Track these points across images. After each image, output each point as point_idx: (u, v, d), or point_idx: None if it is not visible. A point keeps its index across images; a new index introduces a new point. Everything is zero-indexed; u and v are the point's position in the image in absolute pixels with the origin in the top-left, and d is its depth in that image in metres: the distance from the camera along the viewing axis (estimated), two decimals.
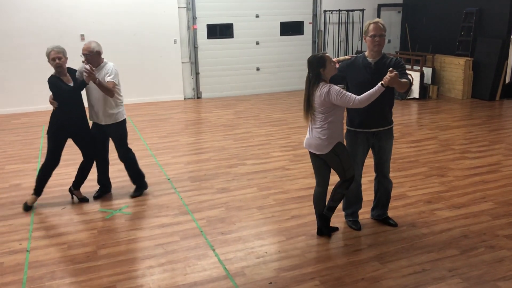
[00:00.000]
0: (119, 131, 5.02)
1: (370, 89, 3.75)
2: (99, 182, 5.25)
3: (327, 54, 3.83)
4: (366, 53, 4.05)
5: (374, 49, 3.94)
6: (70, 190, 5.11)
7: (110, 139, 5.10)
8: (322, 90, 3.74)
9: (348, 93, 3.73)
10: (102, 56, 4.85)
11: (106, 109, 4.85)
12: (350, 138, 4.17)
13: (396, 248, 3.98)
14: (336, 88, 3.72)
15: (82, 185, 5.14)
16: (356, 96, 3.71)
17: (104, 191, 5.25)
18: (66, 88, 4.65)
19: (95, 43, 4.73)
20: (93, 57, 4.70)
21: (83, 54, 4.69)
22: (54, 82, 4.65)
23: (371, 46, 3.96)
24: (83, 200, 5.07)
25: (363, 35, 4.05)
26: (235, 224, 4.50)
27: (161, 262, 3.83)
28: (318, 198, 4.12)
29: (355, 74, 4.05)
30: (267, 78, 11.80)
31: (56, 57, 4.58)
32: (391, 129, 4.16)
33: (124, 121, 5.04)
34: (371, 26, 3.92)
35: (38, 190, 4.92)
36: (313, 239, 4.17)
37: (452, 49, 11.06)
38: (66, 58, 4.68)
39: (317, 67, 3.77)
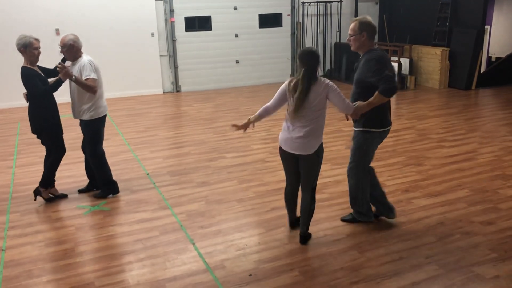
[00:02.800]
0: (88, 129, 4.78)
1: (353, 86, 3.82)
2: (88, 177, 5.16)
3: None
4: None
5: (351, 47, 3.92)
6: (37, 191, 4.88)
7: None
8: (322, 84, 3.61)
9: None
10: (82, 50, 4.71)
11: (78, 104, 4.73)
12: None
13: (374, 237, 4.03)
14: (333, 83, 3.68)
15: (59, 182, 5.06)
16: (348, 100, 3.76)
17: (91, 186, 5.14)
18: (42, 88, 4.56)
19: (71, 36, 4.61)
20: (67, 50, 4.60)
21: (60, 46, 4.61)
22: (30, 79, 4.54)
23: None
24: (61, 196, 4.99)
25: None
26: (215, 218, 4.49)
27: (141, 258, 3.81)
28: (292, 197, 4.07)
29: None
30: (247, 70, 11.77)
31: (39, 46, 4.60)
32: (361, 132, 4.00)
33: (96, 120, 4.75)
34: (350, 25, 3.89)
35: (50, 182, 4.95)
36: (292, 230, 4.19)
37: (428, 40, 11.20)
38: None
39: (316, 61, 3.62)
